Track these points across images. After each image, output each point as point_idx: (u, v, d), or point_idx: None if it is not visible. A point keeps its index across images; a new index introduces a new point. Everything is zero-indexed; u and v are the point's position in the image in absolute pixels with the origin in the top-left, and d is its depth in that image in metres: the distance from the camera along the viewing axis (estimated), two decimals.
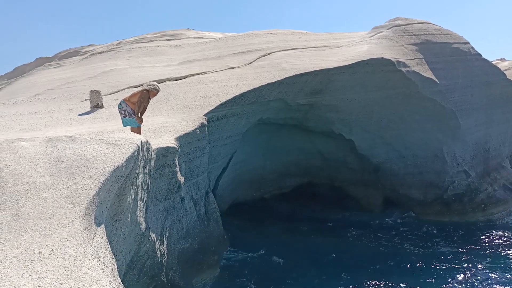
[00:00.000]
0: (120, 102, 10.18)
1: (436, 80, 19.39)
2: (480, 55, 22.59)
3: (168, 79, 17.95)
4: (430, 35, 21.18)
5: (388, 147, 20.40)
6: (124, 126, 10.30)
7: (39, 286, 4.31)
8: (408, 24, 21.54)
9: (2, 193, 5.81)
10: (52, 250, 4.88)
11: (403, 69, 18.44)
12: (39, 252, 4.82)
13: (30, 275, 4.46)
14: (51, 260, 4.71)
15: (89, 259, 4.86)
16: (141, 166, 8.03)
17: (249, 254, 16.50)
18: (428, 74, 19.30)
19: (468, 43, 22.46)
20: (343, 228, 19.55)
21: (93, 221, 5.70)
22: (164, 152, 10.20)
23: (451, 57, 20.98)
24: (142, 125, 10.27)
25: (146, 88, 10.01)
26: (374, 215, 20.90)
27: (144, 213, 8.52)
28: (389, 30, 21.14)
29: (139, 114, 9.96)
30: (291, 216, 20.81)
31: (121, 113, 10.11)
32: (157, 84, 10.34)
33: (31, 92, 20.12)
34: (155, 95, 10.24)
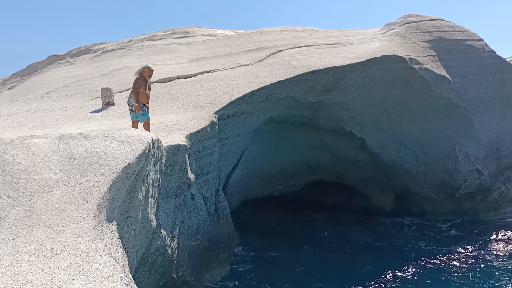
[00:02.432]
0: (128, 98, 10.17)
1: (449, 77, 19.18)
2: (494, 52, 22.30)
3: (178, 77, 18.00)
4: (443, 32, 20.94)
5: (399, 145, 20.23)
6: (132, 120, 10.20)
7: (52, 282, 4.35)
8: (421, 21, 21.32)
9: (16, 189, 5.87)
10: (64, 246, 4.92)
11: (415, 66, 18.27)
12: (52, 248, 4.87)
13: (42, 271, 4.50)
14: (63, 256, 4.76)
15: (101, 255, 4.90)
16: (152, 163, 8.06)
17: (259, 252, 16.48)
18: (441, 71, 19.09)
19: (481, 40, 22.18)
20: (353, 226, 19.44)
21: (105, 218, 5.74)
22: (175, 149, 10.23)
23: (464, 54, 20.73)
24: (149, 115, 10.17)
25: (138, 72, 9.97)
26: (385, 214, 20.74)
27: (155, 210, 8.56)
28: (402, 27, 20.95)
29: (136, 100, 9.85)
30: (301, 214, 20.75)
31: (130, 109, 10.13)
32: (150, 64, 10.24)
33: (43, 90, 20.33)
34: (149, 75, 10.01)
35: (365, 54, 18.03)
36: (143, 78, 9.96)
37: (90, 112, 14.27)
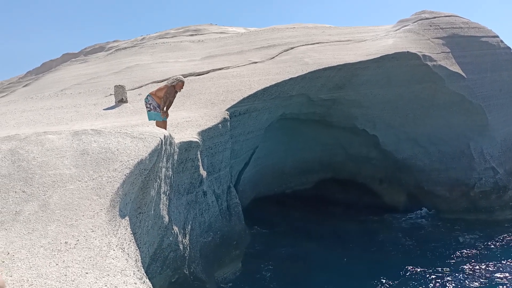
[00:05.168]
0: (147, 96, 10.36)
1: (464, 74, 18.92)
2: (509, 48, 21.97)
3: (191, 74, 18.05)
4: (458, 28, 20.66)
5: (413, 143, 20.04)
6: (149, 120, 10.42)
7: (65, 275, 4.40)
8: (435, 18, 21.06)
9: (30, 185, 5.95)
10: (78, 240, 4.97)
11: (429, 63, 18.06)
12: (66, 242, 4.92)
13: (56, 264, 4.56)
14: (77, 250, 4.81)
15: (114, 250, 4.94)
16: (164, 160, 8.10)
17: (271, 249, 16.50)
18: (455, 68, 18.84)
19: (497, 36, 21.85)
20: (366, 224, 19.34)
21: (118, 213, 5.78)
22: (187, 146, 10.27)
23: (479, 51, 20.43)
24: (167, 119, 10.38)
25: (172, 83, 10.15)
26: (397, 212, 20.59)
27: (167, 206, 8.60)
28: (415, 23, 20.71)
29: (164, 108, 10.08)
30: (312, 211, 20.70)
31: (147, 107, 10.28)
32: (181, 76, 10.46)
33: (58, 87, 20.56)
34: (181, 87, 10.34)
35: (378, 51, 17.89)
36: (174, 90, 10.17)
37: (104, 109, 14.39)
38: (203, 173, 11.46)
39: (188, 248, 10.06)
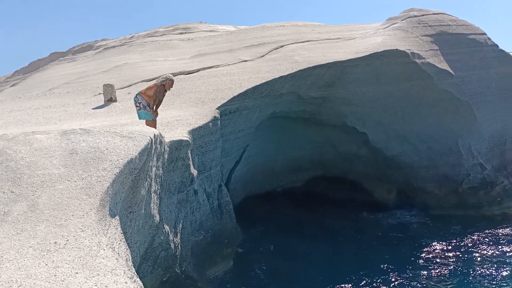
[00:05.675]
0: (136, 94, 10.32)
1: (452, 71, 19.10)
2: (497, 46, 22.20)
3: (180, 73, 18.00)
4: (446, 26, 20.86)
5: (402, 140, 20.19)
6: (140, 119, 10.39)
7: (55, 275, 4.38)
8: (423, 15, 21.23)
9: (19, 185, 5.90)
10: (68, 240, 4.94)
11: (418, 60, 18.20)
12: (55, 242, 4.89)
13: (46, 265, 4.53)
14: (66, 250, 4.78)
15: (104, 249, 4.91)
16: (155, 158, 8.08)
17: (262, 247, 16.51)
18: (444, 65, 19.02)
19: (484, 34, 22.07)
20: (356, 221, 19.44)
21: (108, 213, 5.76)
22: (177, 145, 10.24)
23: (467, 48, 20.64)
24: (157, 118, 10.35)
25: (162, 82, 10.12)
26: (387, 209, 20.73)
27: (158, 205, 8.58)
28: (404, 21, 20.86)
29: (154, 107, 10.06)
30: (303, 209, 20.76)
31: (136, 106, 10.25)
32: (171, 74, 10.44)
33: (46, 87, 20.37)
34: (171, 86, 10.33)
35: (367, 48, 17.98)
36: (164, 88, 10.14)
37: (93, 109, 14.29)
38: (194, 172, 11.45)
39: (179, 247, 10.05)
